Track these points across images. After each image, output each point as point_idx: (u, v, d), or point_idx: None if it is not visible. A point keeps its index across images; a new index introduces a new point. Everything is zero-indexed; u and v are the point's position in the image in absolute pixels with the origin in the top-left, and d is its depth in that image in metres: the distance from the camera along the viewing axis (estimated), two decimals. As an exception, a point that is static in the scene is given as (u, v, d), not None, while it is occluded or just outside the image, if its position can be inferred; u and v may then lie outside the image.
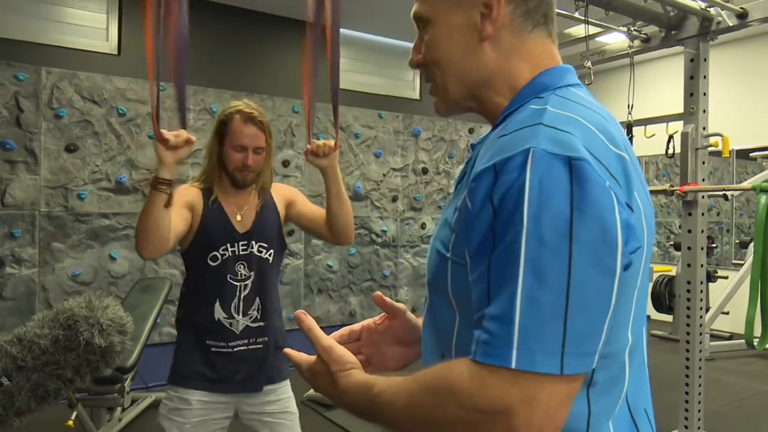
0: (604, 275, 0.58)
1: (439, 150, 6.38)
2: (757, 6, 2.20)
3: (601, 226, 0.58)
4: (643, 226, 0.66)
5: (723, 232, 6.56)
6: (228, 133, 1.70)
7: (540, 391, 0.56)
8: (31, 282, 4.29)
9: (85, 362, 2.11)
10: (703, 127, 2.32)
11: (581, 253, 0.57)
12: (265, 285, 1.76)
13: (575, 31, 2.57)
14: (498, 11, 0.73)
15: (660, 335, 5.71)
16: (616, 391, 0.67)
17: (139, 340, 2.81)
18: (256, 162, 1.72)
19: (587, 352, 0.58)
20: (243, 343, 1.73)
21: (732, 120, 5.55)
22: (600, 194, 0.59)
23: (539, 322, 0.56)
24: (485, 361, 0.58)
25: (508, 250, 0.58)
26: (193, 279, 1.76)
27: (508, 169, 0.60)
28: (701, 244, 2.33)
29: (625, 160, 0.65)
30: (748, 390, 4.25)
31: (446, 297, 0.72)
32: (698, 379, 2.38)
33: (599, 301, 0.58)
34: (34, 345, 2.04)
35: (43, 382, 2.06)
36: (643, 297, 0.70)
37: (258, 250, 1.74)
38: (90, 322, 2.08)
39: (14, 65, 4.24)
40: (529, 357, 0.56)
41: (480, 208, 0.62)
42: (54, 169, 4.37)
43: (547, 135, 0.61)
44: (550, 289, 0.56)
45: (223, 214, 1.72)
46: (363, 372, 0.75)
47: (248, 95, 5.19)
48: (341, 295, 5.71)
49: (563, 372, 0.56)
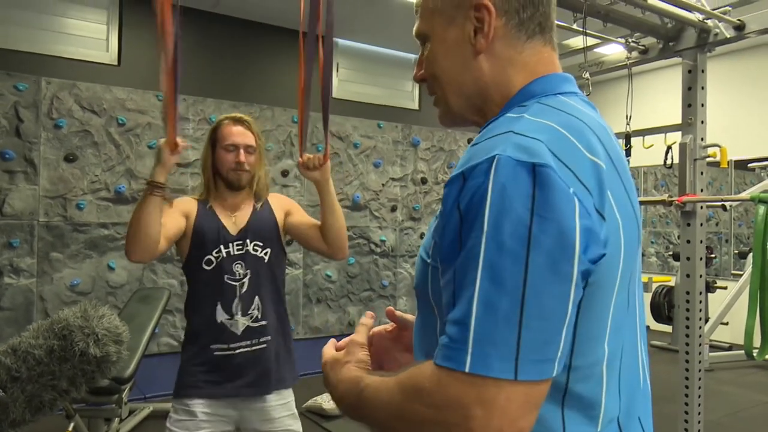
0: (561, 281, 0.58)
1: (438, 160, 6.39)
2: (755, 18, 2.21)
3: (559, 232, 0.58)
4: (620, 235, 0.65)
5: (722, 242, 6.57)
6: (219, 137, 1.77)
7: (497, 395, 0.56)
8: (29, 292, 4.28)
9: (80, 373, 2.08)
10: (702, 138, 2.33)
11: (538, 259, 0.57)
12: (262, 283, 1.77)
13: (573, 42, 2.59)
14: (490, 25, 0.74)
15: (659, 346, 5.70)
16: (593, 404, 0.67)
17: (137, 350, 2.80)
18: (249, 161, 1.77)
19: (545, 359, 0.58)
20: (245, 344, 1.73)
21: (730, 131, 5.58)
22: (561, 201, 0.59)
23: (494, 327, 0.57)
24: (443, 364, 0.58)
25: (469, 255, 0.59)
26: (194, 287, 1.77)
27: (473, 176, 0.61)
28: (700, 254, 2.33)
29: (599, 167, 0.64)
30: (747, 401, 4.23)
31: (429, 302, 0.73)
32: (698, 390, 2.37)
33: (555, 307, 0.58)
34: (29, 355, 2.02)
35: (38, 393, 2.04)
36: (624, 308, 0.69)
37: (253, 248, 1.77)
38: (85, 332, 2.06)
39: (14, 75, 4.25)
40: (482, 361, 0.56)
41: (449, 214, 0.63)
42: (53, 179, 4.37)
43: (514, 142, 0.62)
44: (506, 294, 0.57)
45: (215, 217, 1.77)
46: (362, 370, 0.76)
47: (247, 105, 5.20)
48: (340, 305, 5.70)
49: (517, 377, 0.56)
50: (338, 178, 5.71)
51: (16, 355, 2.03)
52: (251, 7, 5.10)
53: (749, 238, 6.29)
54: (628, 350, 0.71)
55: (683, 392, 2.39)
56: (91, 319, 2.10)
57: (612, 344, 0.67)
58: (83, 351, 2.05)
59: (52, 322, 2.11)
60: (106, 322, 2.14)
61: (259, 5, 5.02)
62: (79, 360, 2.06)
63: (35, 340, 2.05)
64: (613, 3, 2.04)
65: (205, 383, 1.71)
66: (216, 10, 5.13)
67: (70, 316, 2.11)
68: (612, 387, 0.68)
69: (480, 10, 0.74)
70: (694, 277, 2.32)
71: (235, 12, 5.22)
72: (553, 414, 0.64)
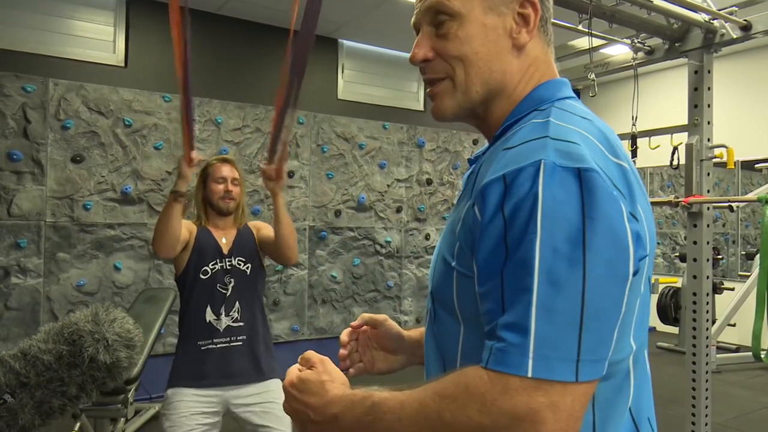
0: (618, 282, 0.59)
1: (444, 161, 6.38)
2: (761, 18, 2.20)
3: (612, 234, 0.59)
4: (647, 235, 0.66)
5: (729, 243, 6.53)
6: (209, 174, 2.15)
7: (563, 398, 0.57)
8: (36, 292, 4.30)
9: (90, 379, 2.03)
10: (708, 139, 2.32)
11: (595, 261, 0.58)
12: (243, 292, 2.12)
13: (579, 43, 2.58)
14: (534, 22, 0.75)
15: (666, 347, 5.67)
16: (621, 398, 0.68)
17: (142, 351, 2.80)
18: (235, 191, 2.15)
19: (600, 358, 0.59)
20: (225, 340, 2.05)
21: (737, 131, 5.55)
22: (610, 203, 0.60)
23: (555, 331, 0.57)
24: (501, 369, 0.58)
25: (523, 261, 0.59)
26: (189, 294, 2.09)
27: (519, 181, 0.61)
28: (707, 255, 2.32)
29: (626, 169, 0.66)
30: (755, 403, 4.21)
31: (451, 308, 0.72)
32: (705, 392, 2.36)
33: (612, 307, 0.59)
34: (38, 361, 1.97)
35: (48, 399, 1.99)
36: (645, 305, 0.70)
37: (237, 263, 2.13)
38: (95, 337, 2.00)
39: (22, 77, 4.28)
40: (545, 365, 0.56)
41: (490, 219, 0.62)
42: (60, 180, 4.39)
43: (555, 147, 0.62)
44: (565, 297, 0.57)
45: (212, 236, 2.15)
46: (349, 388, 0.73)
47: (253, 106, 5.22)
48: (345, 305, 5.70)
49: (578, 379, 0.57)
50: (344, 179, 5.72)
51: (25, 360, 1.97)
52: (257, 9, 5.12)
53: (756, 239, 6.26)
54: (642, 344, 0.72)
55: (690, 394, 2.38)
56: (102, 323, 2.05)
57: (637, 339, 0.68)
58: (93, 357, 1.99)
59: (63, 326, 2.04)
60: (117, 327, 2.08)
61: (264, 7, 5.04)
62: (88, 366, 2.00)
63: (45, 345, 2.00)
64: (618, 4, 2.03)
65: (191, 374, 2.01)
66: (221, 12, 5.15)
67: (80, 320, 2.05)
68: (637, 381, 0.70)
69: (526, 7, 0.74)
70: (700, 279, 2.31)
71: (240, 14, 5.23)
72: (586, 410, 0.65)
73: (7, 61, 4.27)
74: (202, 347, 2.03)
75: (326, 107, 5.72)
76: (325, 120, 5.64)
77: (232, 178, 2.14)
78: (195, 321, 2.05)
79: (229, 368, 2.03)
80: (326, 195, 5.62)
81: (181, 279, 2.12)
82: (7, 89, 4.22)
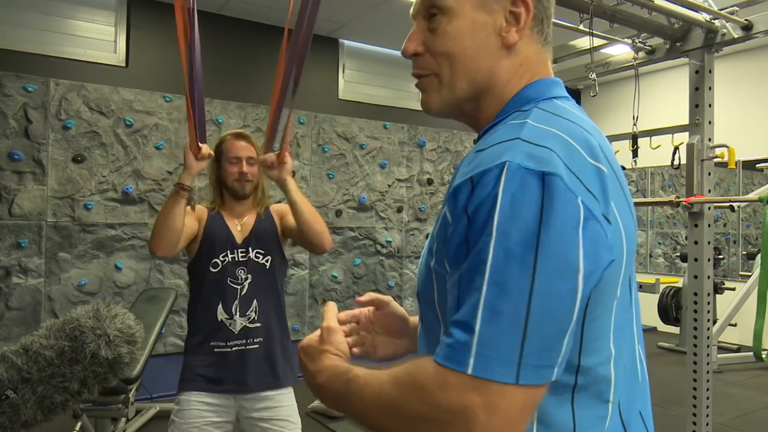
0: (566, 290, 0.59)
1: (444, 161, 6.39)
2: (762, 18, 2.20)
3: (566, 241, 0.59)
4: (622, 238, 0.66)
5: (730, 243, 6.53)
6: (223, 152, 1.90)
7: (500, 399, 0.57)
8: (37, 292, 4.30)
9: (92, 374, 2.04)
10: (709, 138, 2.32)
11: (545, 266, 0.58)
12: (261, 289, 1.88)
13: (580, 43, 2.58)
14: (525, 22, 0.74)
15: (667, 347, 5.67)
16: (601, 402, 0.68)
17: (143, 350, 2.81)
18: (251, 171, 1.90)
19: (545, 365, 0.59)
20: (240, 343, 1.84)
21: (738, 131, 5.55)
22: (569, 210, 0.59)
23: (498, 332, 0.57)
24: (445, 364, 0.59)
25: (476, 260, 0.60)
26: (198, 287, 1.88)
27: (483, 182, 0.61)
28: (708, 255, 2.32)
29: (602, 171, 0.65)
30: (756, 403, 4.20)
31: (433, 308, 0.73)
32: (706, 392, 2.36)
33: (559, 315, 0.59)
34: (40, 356, 1.98)
35: (50, 395, 2.00)
36: (625, 308, 0.70)
37: (255, 255, 1.89)
38: (97, 333, 2.01)
39: (23, 77, 4.28)
40: (485, 365, 0.57)
41: (457, 219, 0.63)
42: (61, 180, 4.40)
43: (524, 150, 0.62)
44: (511, 300, 0.57)
45: (224, 223, 1.90)
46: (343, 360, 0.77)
47: (254, 106, 5.22)
48: (346, 305, 5.70)
49: (518, 382, 0.57)
50: (344, 179, 5.72)
51: (27, 355, 1.99)
52: (258, 9, 5.12)
53: (757, 239, 6.25)
54: (627, 346, 0.72)
55: (691, 394, 2.38)
56: (103, 319, 2.06)
57: (617, 343, 0.68)
58: (94, 353, 2.01)
59: (64, 322, 2.05)
60: (118, 323, 2.09)
61: (265, 7, 5.04)
62: (90, 362, 2.02)
63: (46, 341, 2.01)
64: (619, 3, 2.03)
65: (205, 377, 1.82)
66: (223, 12, 5.15)
67: (82, 316, 2.06)
68: (619, 384, 0.69)
69: (518, 5, 0.74)
70: (701, 279, 2.31)
71: (241, 14, 5.23)
72: (564, 414, 0.65)
73: (8, 61, 4.28)
74: (215, 349, 1.83)
75: (327, 107, 5.72)
76: (325, 120, 5.65)
77: (247, 157, 1.88)
78: (206, 319, 1.85)
79: (244, 374, 1.83)
80: (327, 195, 5.63)
81: (191, 268, 1.92)
82: (8, 89, 4.22)
